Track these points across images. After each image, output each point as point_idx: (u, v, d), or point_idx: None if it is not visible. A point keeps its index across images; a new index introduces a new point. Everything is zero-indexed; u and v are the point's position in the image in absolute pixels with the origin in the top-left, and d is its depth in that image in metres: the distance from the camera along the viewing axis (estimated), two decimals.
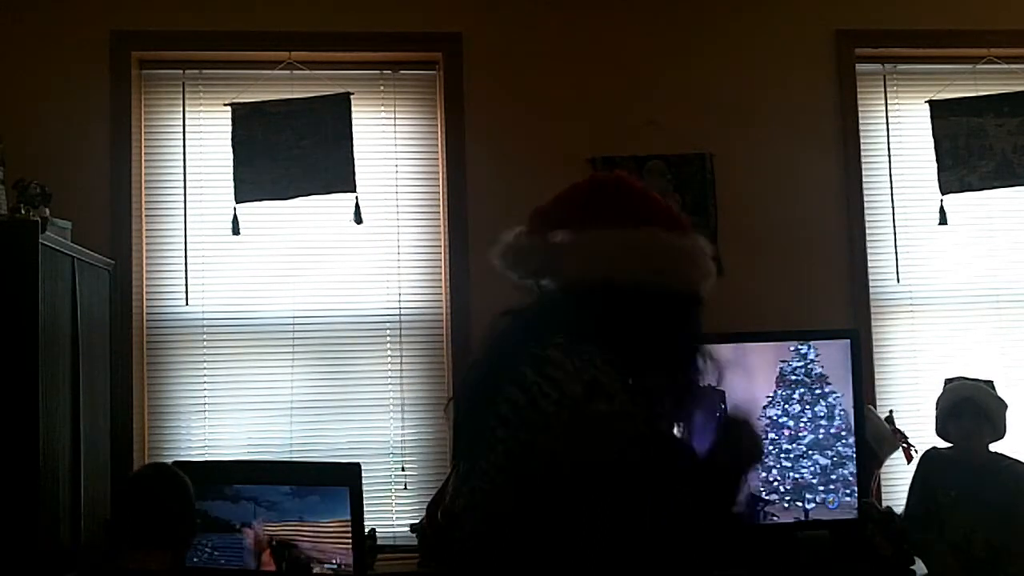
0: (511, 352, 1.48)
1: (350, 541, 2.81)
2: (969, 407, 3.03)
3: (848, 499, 3.19)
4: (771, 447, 3.17)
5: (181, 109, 3.50)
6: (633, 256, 1.50)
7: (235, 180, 3.41)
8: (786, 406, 3.19)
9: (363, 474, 2.87)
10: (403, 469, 3.47)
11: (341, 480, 2.84)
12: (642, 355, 1.50)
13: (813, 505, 3.18)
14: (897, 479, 3.46)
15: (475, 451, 1.48)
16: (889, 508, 3.31)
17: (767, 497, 3.16)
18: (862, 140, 3.67)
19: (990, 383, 3.14)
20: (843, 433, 3.20)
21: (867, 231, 3.64)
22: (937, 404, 3.13)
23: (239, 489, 2.89)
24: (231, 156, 3.42)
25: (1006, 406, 3.06)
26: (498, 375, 1.46)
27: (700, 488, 1.46)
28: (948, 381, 3.18)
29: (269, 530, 2.87)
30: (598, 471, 1.37)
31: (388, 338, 3.52)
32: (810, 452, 3.18)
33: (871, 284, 3.63)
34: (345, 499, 2.81)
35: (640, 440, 1.40)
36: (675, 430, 1.57)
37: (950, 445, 3.11)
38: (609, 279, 1.49)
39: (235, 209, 3.41)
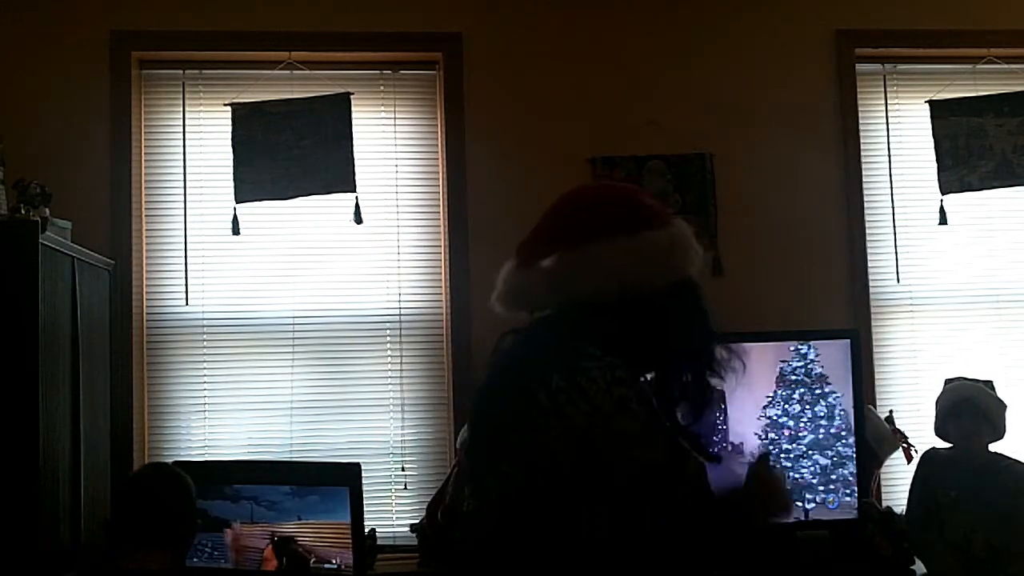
0: (538, 358, 1.48)
1: (350, 541, 2.81)
2: (969, 407, 3.03)
3: (848, 499, 3.19)
4: (771, 447, 3.17)
5: (181, 109, 3.50)
6: (629, 263, 1.52)
7: (235, 180, 3.41)
8: (786, 406, 3.19)
9: (363, 474, 2.87)
10: (403, 469, 3.47)
11: (341, 480, 2.84)
12: (659, 358, 1.51)
13: (813, 505, 3.18)
14: (897, 479, 3.46)
15: (492, 452, 1.48)
16: (889, 508, 3.31)
17: None
18: (862, 140, 3.67)
19: (989, 383, 3.14)
20: (843, 433, 3.20)
21: (867, 231, 3.64)
22: (936, 404, 3.13)
23: (239, 489, 2.89)
24: (231, 156, 3.42)
25: (1005, 406, 3.06)
26: (523, 379, 1.46)
27: (707, 512, 1.47)
28: (948, 381, 3.18)
29: (270, 529, 2.87)
30: (615, 487, 1.37)
31: (388, 338, 3.52)
32: (810, 452, 3.18)
33: (871, 284, 3.63)
34: (345, 499, 2.81)
35: (660, 463, 1.41)
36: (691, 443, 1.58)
37: (950, 445, 3.11)
38: (611, 289, 1.50)
39: (235, 209, 3.41)
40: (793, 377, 3.20)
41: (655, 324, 1.51)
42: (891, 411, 3.47)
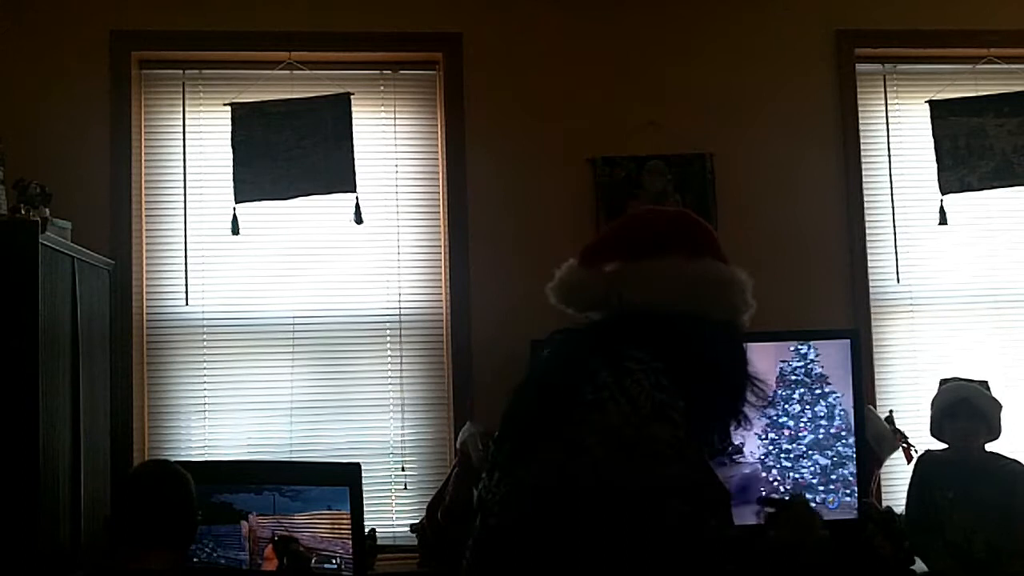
0: (586, 355, 1.49)
1: (350, 541, 2.81)
2: (965, 408, 3.04)
3: (848, 499, 3.19)
4: (771, 447, 3.17)
5: (181, 109, 3.50)
6: (691, 285, 1.55)
7: (235, 180, 3.41)
8: (786, 406, 3.19)
9: (363, 474, 2.87)
10: (403, 469, 3.47)
11: (341, 480, 2.84)
12: (699, 379, 1.52)
13: (813, 505, 3.17)
14: (897, 479, 3.46)
15: (529, 441, 1.48)
16: (889, 508, 3.31)
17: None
18: (862, 140, 3.67)
19: (984, 383, 3.14)
20: (843, 433, 3.20)
21: (867, 231, 3.64)
22: (933, 405, 3.14)
23: (239, 489, 2.89)
24: (231, 156, 3.42)
25: (1000, 406, 3.07)
26: (569, 372, 1.47)
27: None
28: (943, 382, 3.19)
29: (270, 528, 2.87)
30: (645, 492, 1.37)
31: (388, 338, 3.52)
32: (810, 452, 3.18)
33: (871, 284, 3.63)
34: (345, 499, 2.81)
35: (692, 474, 1.41)
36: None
37: (945, 446, 3.11)
38: (668, 305, 1.52)
39: (235, 209, 3.41)
40: (793, 377, 3.20)
41: (700, 351, 1.53)
42: (891, 411, 3.47)
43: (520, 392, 1.58)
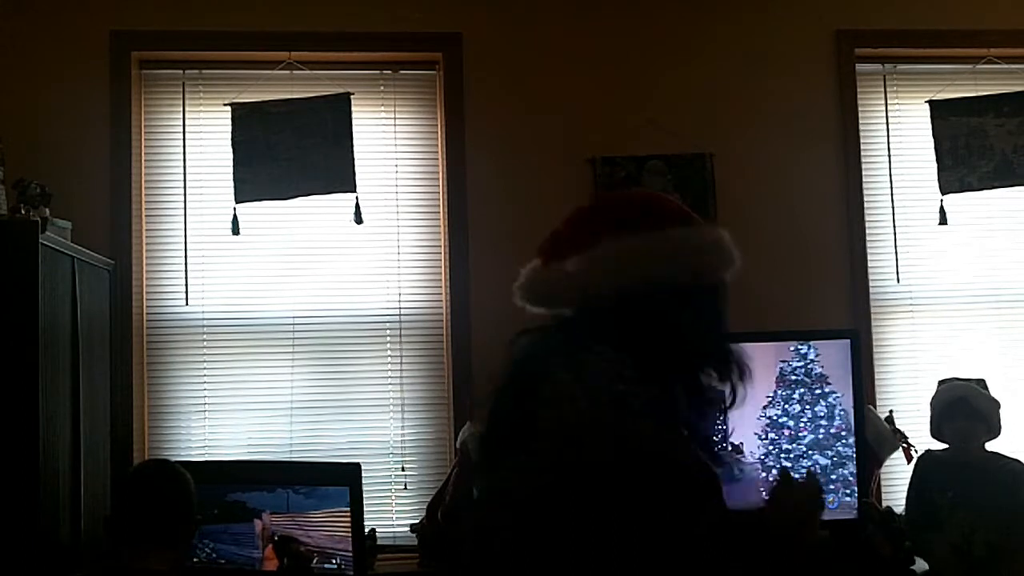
0: (547, 353, 1.48)
1: (350, 541, 2.81)
2: (962, 407, 3.04)
3: (848, 499, 3.19)
4: (771, 447, 3.17)
5: (181, 109, 3.50)
6: (660, 256, 1.51)
7: (235, 180, 3.41)
8: (786, 406, 3.19)
9: (363, 474, 2.87)
10: (403, 469, 3.47)
11: (341, 480, 2.84)
12: (672, 359, 1.50)
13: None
14: (897, 479, 3.46)
15: (500, 446, 1.49)
16: (889, 508, 3.31)
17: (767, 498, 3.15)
18: (862, 140, 3.67)
19: (982, 382, 3.14)
20: (843, 433, 3.20)
21: (867, 231, 3.64)
22: (931, 406, 3.13)
23: (239, 489, 2.89)
24: (231, 156, 3.42)
25: (999, 405, 3.07)
26: (530, 373, 1.47)
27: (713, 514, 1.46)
28: (941, 382, 3.19)
29: (284, 526, 2.88)
30: (610, 488, 1.36)
31: (388, 338, 3.52)
32: (810, 452, 3.18)
33: (871, 284, 3.63)
34: (345, 499, 2.81)
35: (660, 467, 1.40)
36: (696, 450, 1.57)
37: (945, 447, 3.11)
38: (637, 284, 1.50)
39: (235, 209, 3.41)
40: (793, 377, 3.20)
41: (672, 323, 1.50)
42: (891, 411, 3.47)
43: (493, 395, 1.58)
